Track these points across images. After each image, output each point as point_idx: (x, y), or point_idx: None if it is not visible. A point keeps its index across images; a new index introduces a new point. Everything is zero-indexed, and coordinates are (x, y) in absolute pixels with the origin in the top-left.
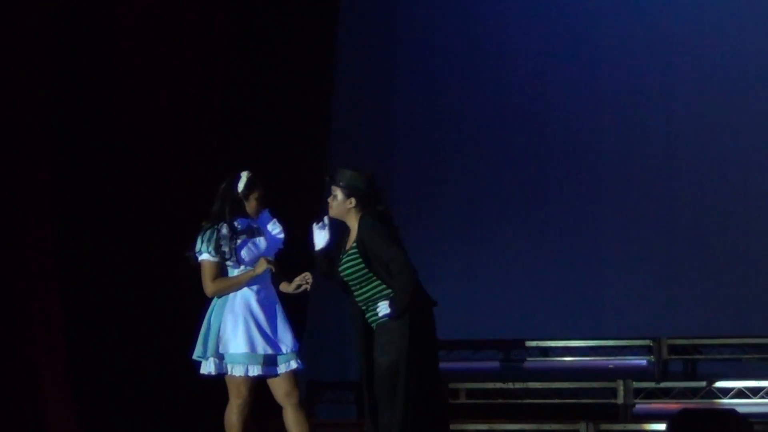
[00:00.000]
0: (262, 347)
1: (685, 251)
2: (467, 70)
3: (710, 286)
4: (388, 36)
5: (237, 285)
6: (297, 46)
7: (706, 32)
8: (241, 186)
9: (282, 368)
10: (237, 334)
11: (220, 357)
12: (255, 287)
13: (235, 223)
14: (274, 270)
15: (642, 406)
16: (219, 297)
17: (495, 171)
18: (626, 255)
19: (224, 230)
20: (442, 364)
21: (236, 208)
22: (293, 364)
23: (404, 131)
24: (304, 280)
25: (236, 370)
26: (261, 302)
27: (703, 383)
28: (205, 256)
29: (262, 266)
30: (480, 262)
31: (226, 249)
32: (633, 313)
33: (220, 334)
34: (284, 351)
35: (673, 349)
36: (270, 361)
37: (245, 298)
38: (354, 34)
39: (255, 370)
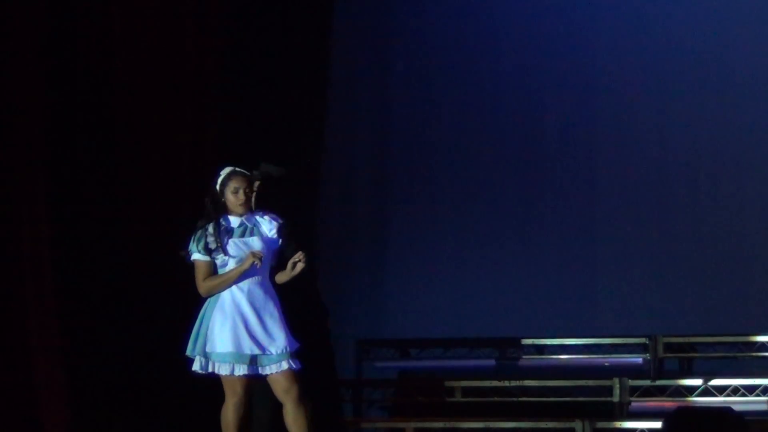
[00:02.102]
0: (249, 347)
1: (681, 249)
2: (463, 70)
3: (706, 284)
4: (383, 34)
5: (226, 282)
6: (292, 44)
7: (701, 31)
8: (218, 182)
9: (271, 369)
10: (224, 333)
11: (207, 356)
12: (246, 286)
13: (222, 221)
14: (259, 264)
15: (638, 404)
16: (212, 295)
17: (490, 169)
18: (622, 253)
19: (210, 228)
20: (439, 362)
21: (221, 205)
22: (284, 365)
23: (400, 130)
24: (298, 257)
25: (222, 369)
26: (253, 301)
27: (699, 381)
28: (196, 256)
29: (248, 260)
30: (475, 260)
31: (212, 247)
32: (629, 311)
33: (208, 333)
34: (273, 352)
35: (669, 347)
36: (259, 362)
37: (235, 297)
38: (348, 34)
39: (241, 370)
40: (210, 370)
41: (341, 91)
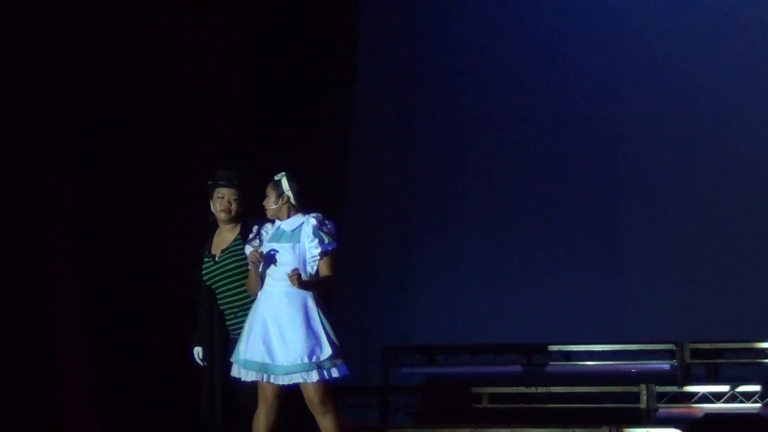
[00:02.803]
0: (260, 356)
1: (708, 255)
2: (488, 73)
3: (732, 290)
4: (410, 32)
5: (248, 282)
6: (318, 46)
7: (730, 27)
8: None
9: (283, 380)
10: (243, 340)
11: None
12: (274, 295)
13: (269, 224)
14: (257, 263)
15: (665, 410)
16: (255, 294)
17: (517, 175)
18: (648, 259)
19: (254, 230)
20: (465, 369)
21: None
22: (295, 378)
23: (426, 136)
24: (291, 272)
25: (234, 372)
26: (277, 311)
27: (726, 387)
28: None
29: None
30: (502, 267)
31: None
32: (655, 317)
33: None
34: (285, 363)
35: (696, 353)
36: (271, 371)
37: (262, 305)
38: (375, 34)
39: (250, 376)
40: (234, 374)
41: (368, 94)
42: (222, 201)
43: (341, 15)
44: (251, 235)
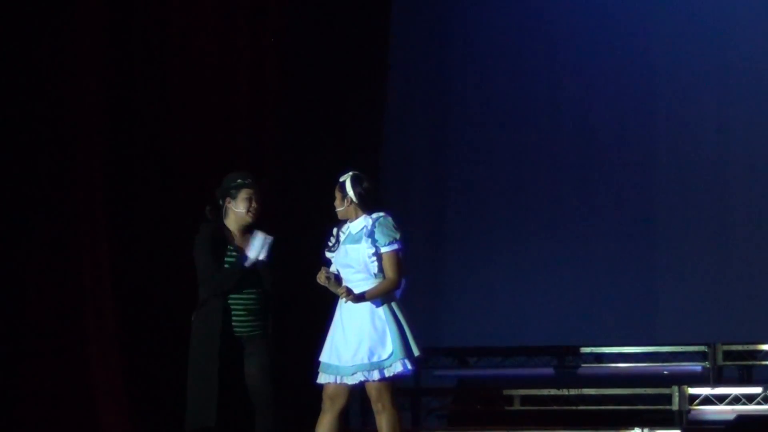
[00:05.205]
0: (328, 356)
1: (740, 256)
2: (520, 75)
3: (765, 292)
4: (442, 34)
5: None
6: (350, 48)
7: (762, 35)
8: None
9: (348, 380)
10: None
11: None
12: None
13: (340, 228)
14: (321, 282)
15: (697, 412)
16: None
17: (548, 178)
18: (681, 261)
19: (334, 231)
20: (497, 371)
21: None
22: (360, 377)
23: (456, 138)
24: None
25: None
26: (345, 312)
27: (759, 389)
28: None
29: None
30: (533, 269)
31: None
32: (687, 318)
33: None
34: (348, 363)
35: (728, 355)
36: (339, 371)
37: (337, 309)
38: (406, 37)
39: (323, 378)
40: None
41: (399, 95)
42: (250, 202)
43: (373, 12)
44: (331, 240)
